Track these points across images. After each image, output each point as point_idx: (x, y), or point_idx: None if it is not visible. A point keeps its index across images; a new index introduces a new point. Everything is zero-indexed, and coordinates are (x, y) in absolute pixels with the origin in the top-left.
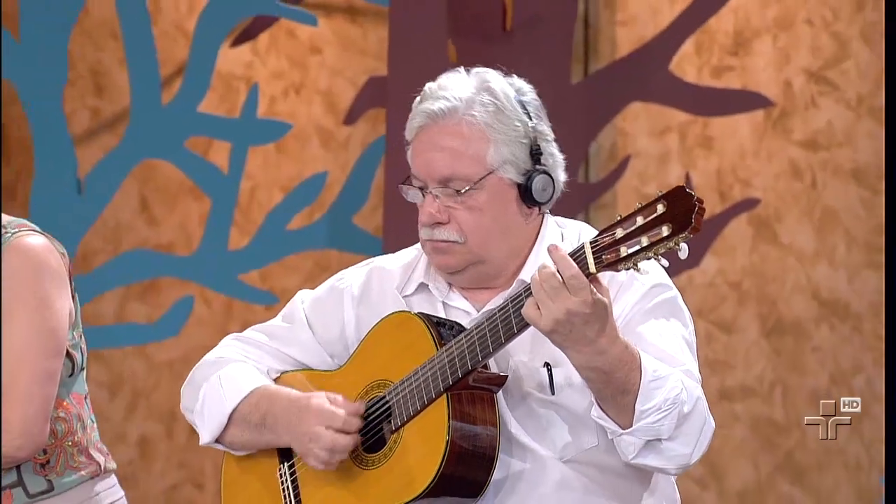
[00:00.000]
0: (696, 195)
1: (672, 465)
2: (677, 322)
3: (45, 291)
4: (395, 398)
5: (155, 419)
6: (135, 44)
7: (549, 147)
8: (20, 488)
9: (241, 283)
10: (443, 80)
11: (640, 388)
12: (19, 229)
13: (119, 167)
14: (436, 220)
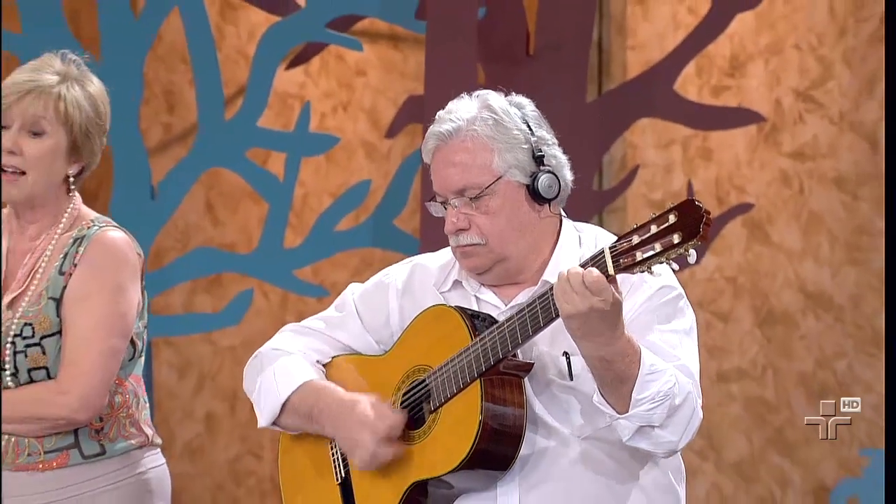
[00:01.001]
0: (705, 207)
1: (661, 450)
2: (680, 320)
3: (121, 280)
4: (434, 381)
5: (219, 398)
6: (202, 67)
7: (550, 150)
8: (76, 450)
9: (294, 278)
10: (450, 106)
11: (637, 379)
12: (105, 224)
13: (188, 175)
14: (458, 228)
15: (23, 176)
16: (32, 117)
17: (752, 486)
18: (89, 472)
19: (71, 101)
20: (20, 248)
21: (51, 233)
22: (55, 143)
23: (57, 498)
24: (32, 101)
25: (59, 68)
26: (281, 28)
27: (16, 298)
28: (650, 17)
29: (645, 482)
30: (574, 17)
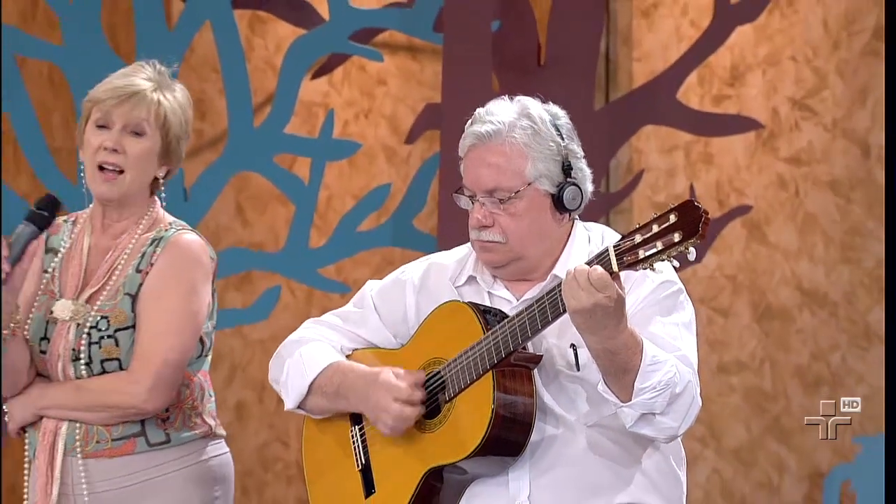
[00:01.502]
0: (703, 207)
1: (662, 435)
2: (680, 313)
3: (194, 281)
4: (449, 373)
5: (249, 388)
6: (232, 76)
7: (578, 163)
8: (143, 438)
9: (319, 276)
10: (490, 106)
11: (640, 370)
12: (182, 228)
13: (218, 178)
14: (482, 224)
15: (121, 175)
16: (136, 119)
17: (750, 472)
18: (154, 460)
19: (168, 108)
20: (102, 245)
21: (132, 232)
22: (152, 144)
23: (123, 484)
24: (135, 104)
25: (152, 75)
26: (306, 40)
27: (95, 293)
28: (654, 29)
29: (648, 467)
30: (583, 29)
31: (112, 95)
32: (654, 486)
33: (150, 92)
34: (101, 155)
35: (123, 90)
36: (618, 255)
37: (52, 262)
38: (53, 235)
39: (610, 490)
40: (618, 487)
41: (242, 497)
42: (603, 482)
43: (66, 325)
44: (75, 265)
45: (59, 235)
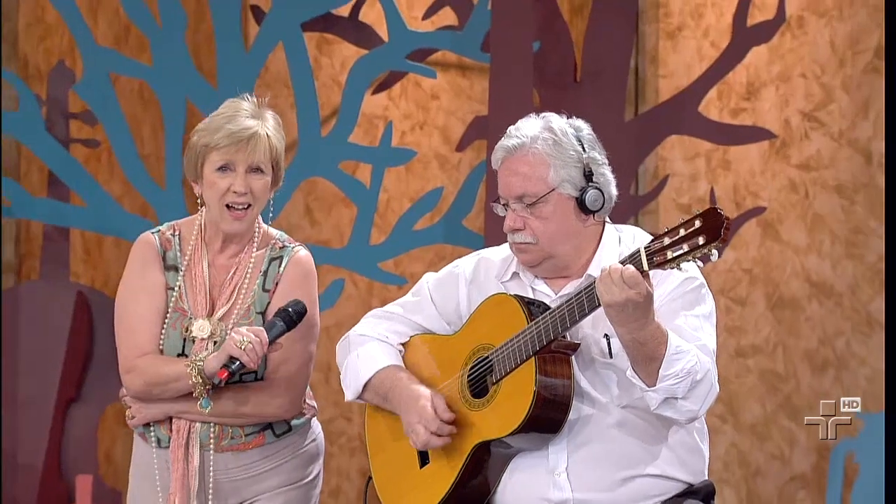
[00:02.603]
0: (725, 215)
1: (683, 417)
2: (701, 306)
3: (313, 294)
4: (496, 358)
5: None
6: (302, 92)
7: (599, 169)
8: (270, 430)
9: (379, 269)
10: (519, 123)
11: (665, 359)
12: (293, 244)
13: (290, 183)
14: (514, 228)
15: (249, 209)
16: (257, 161)
17: (764, 445)
18: (280, 445)
19: (274, 140)
20: (220, 263)
21: (248, 250)
22: (270, 177)
23: (256, 470)
24: (254, 147)
25: (253, 111)
26: (368, 59)
27: (227, 312)
28: (679, 50)
29: (673, 442)
30: (614, 50)
31: (232, 141)
32: (678, 460)
33: (261, 130)
34: (230, 197)
35: (240, 135)
36: (648, 256)
37: (176, 281)
38: (168, 251)
39: (639, 463)
40: (646, 461)
41: None
42: (632, 456)
43: (204, 342)
44: (199, 284)
45: (172, 251)
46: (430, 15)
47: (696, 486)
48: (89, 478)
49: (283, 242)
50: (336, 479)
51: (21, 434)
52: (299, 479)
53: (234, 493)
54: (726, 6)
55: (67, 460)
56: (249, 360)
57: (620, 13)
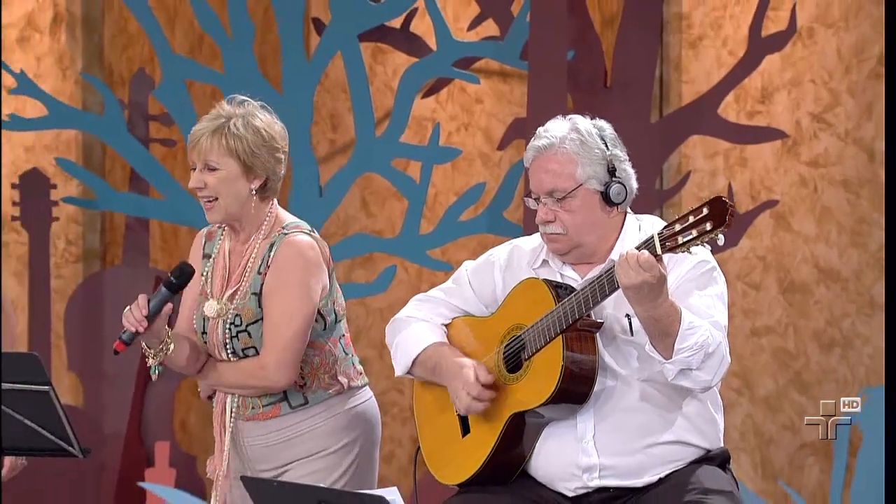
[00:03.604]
0: (730, 202)
1: (697, 386)
2: (713, 287)
3: (303, 276)
4: (528, 336)
5: (371, 347)
6: (358, 97)
7: (622, 165)
8: (285, 402)
9: (428, 257)
10: (548, 125)
11: (679, 334)
12: (294, 230)
13: (347, 179)
14: (545, 220)
15: (216, 201)
16: (206, 156)
17: (776, 416)
18: (297, 418)
19: (232, 135)
20: (237, 250)
21: (256, 238)
22: (227, 171)
23: (275, 440)
24: (204, 142)
25: (227, 111)
26: (418, 67)
27: (233, 293)
28: (700, 58)
29: (689, 412)
30: (641, 58)
31: (192, 140)
32: (694, 427)
33: (218, 128)
34: (196, 192)
35: (197, 134)
36: (661, 242)
37: (206, 267)
38: (208, 242)
39: (658, 430)
40: (664, 428)
41: None
42: (653, 424)
43: (215, 322)
44: (220, 268)
45: (213, 242)
46: (475, 26)
47: (713, 453)
48: (167, 444)
49: (286, 229)
50: (389, 446)
51: (106, 406)
52: (325, 448)
53: (265, 459)
54: (743, 18)
55: (147, 429)
56: (128, 325)
57: (647, 25)
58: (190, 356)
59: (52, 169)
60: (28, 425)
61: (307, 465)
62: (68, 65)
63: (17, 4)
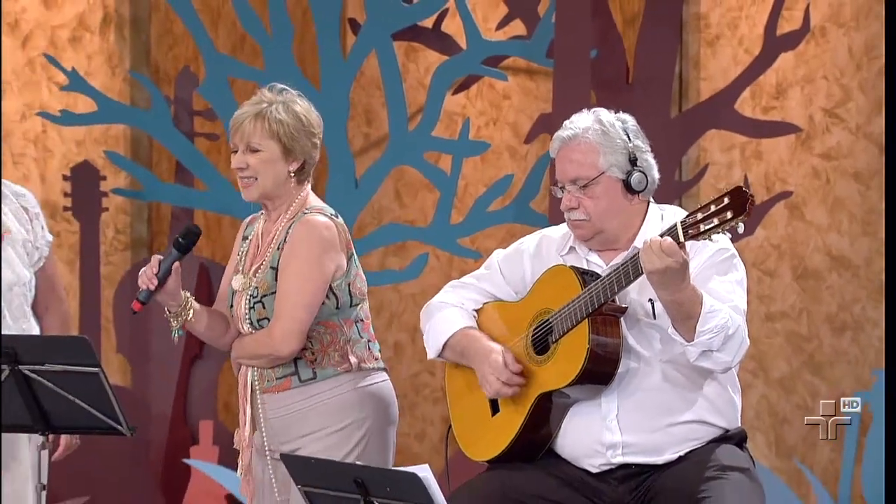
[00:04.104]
0: (750, 192)
1: (718, 367)
2: (733, 273)
3: (314, 253)
4: (555, 320)
5: (404, 331)
6: (392, 93)
7: (643, 155)
8: (296, 376)
9: (458, 245)
10: (573, 117)
11: (700, 317)
12: (315, 211)
13: (381, 171)
14: (570, 207)
15: (255, 181)
16: (249, 139)
17: (790, 396)
18: (306, 392)
19: (273, 119)
20: (267, 229)
21: (284, 218)
22: (269, 153)
23: (287, 412)
24: (248, 125)
25: (268, 97)
26: (449, 64)
27: (257, 268)
28: (717, 56)
29: (708, 392)
30: (661, 56)
31: (235, 122)
32: (713, 407)
33: (260, 112)
34: (237, 173)
35: (240, 117)
36: (684, 229)
37: (243, 247)
38: (249, 226)
39: (678, 410)
40: (684, 408)
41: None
42: (673, 404)
43: (240, 295)
44: (252, 247)
45: (252, 226)
46: (503, 26)
47: (731, 433)
48: (210, 423)
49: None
50: (421, 425)
51: (153, 386)
52: (331, 425)
53: (282, 432)
54: (758, 18)
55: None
56: (142, 284)
57: (667, 25)
58: (209, 325)
59: (101, 161)
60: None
61: (317, 442)
62: (117, 63)
63: (68, 6)
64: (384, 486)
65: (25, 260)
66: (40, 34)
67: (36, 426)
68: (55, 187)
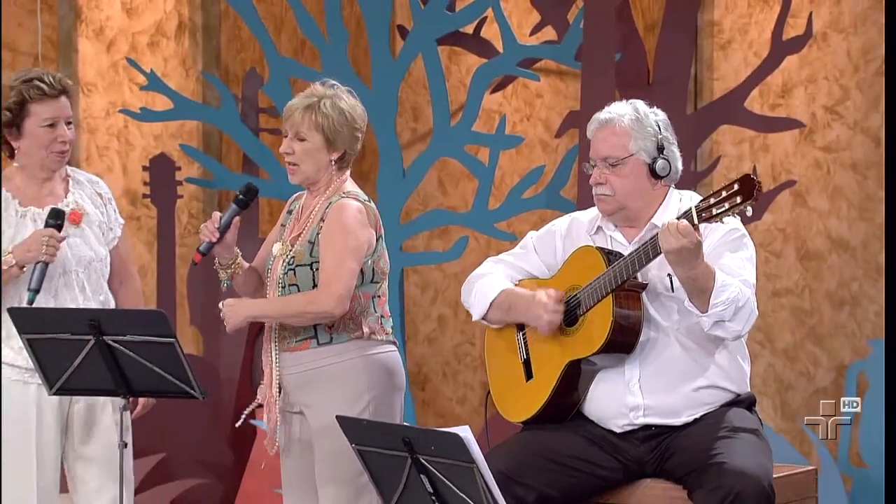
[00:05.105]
0: (758, 179)
1: (730, 335)
2: (744, 251)
3: (350, 229)
4: (583, 295)
5: (447, 306)
6: (436, 92)
7: (670, 147)
8: (314, 339)
9: (495, 229)
10: (612, 105)
11: (713, 290)
12: (350, 196)
13: (426, 162)
14: (598, 182)
15: (298, 167)
16: (297, 128)
17: (794, 365)
18: (322, 354)
19: (321, 114)
20: (308, 205)
21: (322, 198)
22: (313, 143)
23: (304, 369)
24: (297, 116)
25: (319, 92)
26: (487, 66)
27: (296, 238)
28: (729, 59)
29: (720, 360)
30: (678, 59)
31: (287, 112)
32: (724, 374)
33: (310, 105)
34: (284, 157)
35: (288, 109)
36: (698, 213)
37: (287, 220)
38: (295, 202)
39: (694, 376)
40: (699, 374)
41: (443, 380)
42: (690, 371)
43: (278, 259)
44: (294, 220)
45: (298, 201)
46: (536, 32)
47: (742, 397)
48: None
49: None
50: (463, 390)
51: (222, 354)
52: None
53: (299, 388)
54: (766, 25)
55: (256, 374)
56: (204, 237)
57: (683, 31)
58: (247, 280)
59: (176, 154)
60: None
61: (329, 404)
62: (191, 65)
63: (148, 14)
64: (429, 445)
65: (101, 239)
66: (123, 40)
67: (118, 390)
68: (136, 177)
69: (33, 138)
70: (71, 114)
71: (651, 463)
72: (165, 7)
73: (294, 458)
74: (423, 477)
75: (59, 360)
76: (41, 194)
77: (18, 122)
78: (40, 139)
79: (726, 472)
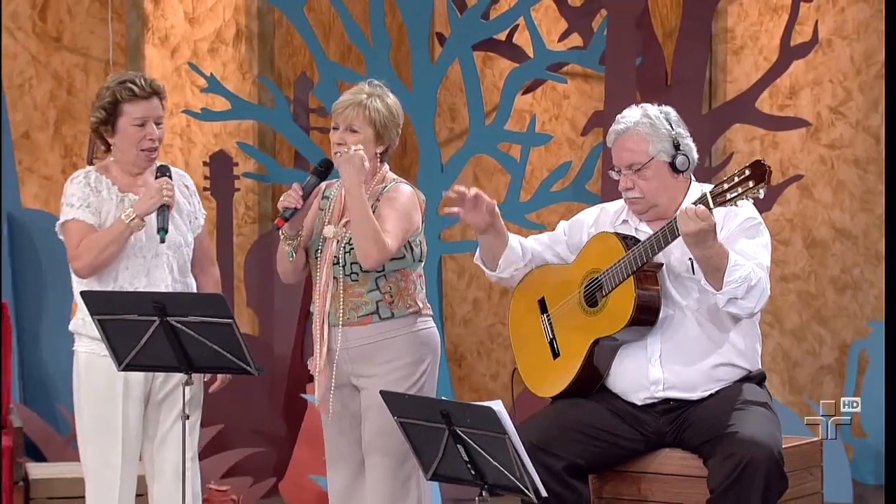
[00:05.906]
0: (768, 164)
1: (743, 312)
2: (758, 238)
3: (405, 203)
4: (605, 278)
5: (481, 289)
6: (472, 93)
7: (685, 140)
8: (376, 314)
9: (526, 219)
10: (624, 112)
11: (727, 270)
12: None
13: (462, 158)
14: (626, 188)
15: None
16: (350, 122)
17: (801, 344)
18: (384, 328)
19: (373, 109)
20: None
21: (366, 186)
22: (364, 136)
23: (367, 342)
24: (350, 111)
25: (367, 90)
26: (519, 70)
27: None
28: (741, 63)
29: (734, 339)
30: (694, 63)
31: (339, 106)
32: (738, 351)
33: (362, 101)
34: (335, 147)
35: (344, 103)
36: (713, 197)
37: (326, 204)
38: (328, 189)
39: (710, 352)
40: (714, 350)
41: (477, 358)
42: (706, 347)
43: (330, 242)
44: (338, 205)
45: (331, 189)
46: (563, 38)
47: (753, 373)
48: None
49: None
50: (496, 367)
51: (276, 334)
52: (401, 357)
53: (356, 361)
54: (776, 32)
55: (307, 350)
56: (286, 203)
57: (699, 37)
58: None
59: (234, 150)
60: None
61: (388, 373)
62: (247, 69)
63: (208, 23)
64: (465, 418)
65: (188, 226)
66: (185, 46)
67: (181, 367)
68: (197, 172)
69: (125, 136)
70: (161, 114)
71: (670, 434)
72: (224, 16)
73: (342, 429)
74: (460, 447)
75: (127, 338)
76: (136, 184)
77: (113, 120)
78: (131, 137)
79: (739, 441)
